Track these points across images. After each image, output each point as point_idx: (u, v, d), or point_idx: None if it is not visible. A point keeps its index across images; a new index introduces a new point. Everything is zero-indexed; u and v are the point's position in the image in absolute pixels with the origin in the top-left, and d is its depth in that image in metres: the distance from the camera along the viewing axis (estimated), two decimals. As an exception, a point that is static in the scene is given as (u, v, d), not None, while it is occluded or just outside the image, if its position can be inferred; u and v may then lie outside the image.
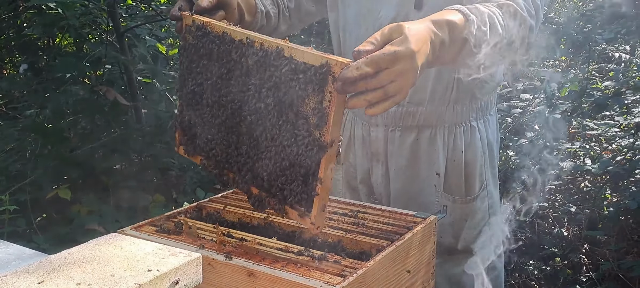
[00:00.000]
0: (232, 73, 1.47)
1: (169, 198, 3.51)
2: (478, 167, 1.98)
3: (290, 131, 1.33)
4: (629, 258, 3.61)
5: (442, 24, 1.40)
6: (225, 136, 1.52)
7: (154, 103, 4.03)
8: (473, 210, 2.00)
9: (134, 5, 4.73)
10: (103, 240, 1.29)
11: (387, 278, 1.38)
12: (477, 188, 1.99)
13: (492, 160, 2.04)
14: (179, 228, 1.53)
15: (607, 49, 5.32)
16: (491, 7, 1.52)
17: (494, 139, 2.05)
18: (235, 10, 1.76)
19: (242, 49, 1.44)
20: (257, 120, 1.41)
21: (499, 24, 1.49)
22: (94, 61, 3.69)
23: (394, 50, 1.25)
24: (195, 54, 1.58)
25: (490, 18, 1.48)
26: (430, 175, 1.97)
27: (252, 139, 1.43)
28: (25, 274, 1.11)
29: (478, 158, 1.98)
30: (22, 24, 5.06)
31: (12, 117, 4.18)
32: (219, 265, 1.33)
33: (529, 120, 4.79)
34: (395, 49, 1.25)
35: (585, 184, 4.46)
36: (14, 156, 3.47)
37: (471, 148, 1.97)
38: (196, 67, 1.58)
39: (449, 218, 1.98)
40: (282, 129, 1.35)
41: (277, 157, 1.36)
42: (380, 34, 1.30)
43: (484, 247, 2.06)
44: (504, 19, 1.52)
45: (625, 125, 4.49)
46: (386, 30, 1.30)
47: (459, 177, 1.98)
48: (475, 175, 1.98)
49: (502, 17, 1.52)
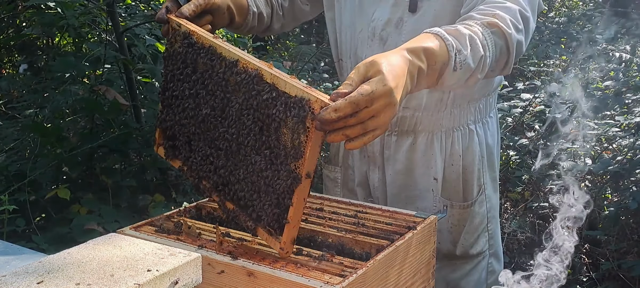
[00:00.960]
0: (215, 87, 1.45)
1: (169, 198, 3.51)
2: (476, 171, 1.96)
3: (267, 156, 1.34)
4: (629, 258, 3.61)
5: (418, 52, 1.39)
6: (204, 147, 1.51)
7: (154, 103, 4.02)
8: (471, 215, 1.98)
9: (133, 5, 4.72)
10: (102, 240, 1.29)
11: (387, 279, 1.38)
12: (475, 193, 1.97)
13: (491, 164, 2.02)
14: (178, 228, 1.53)
15: (608, 48, 5.32)
16: (474, 26, 1.52)
17: (493, 142, 2.03)
18: (225, 14, 1.74)
19: (226, 65, 1.43)
20: (237, 138, 1.40)
21: (481, 44, 1.49)
22: (93, 61, 3.68)
23: (371, 89, 1.24)
24: (181, 61, 1.55)
25: (471, 39, 1.48)
26: (427, 180, 1.95)
27: (230, 154, 1.43)
28: (24, 274, 1.11)
29: (476, 162, 1.96)
30: (21, 24, 5.06)
31: (11, 117, 4.18)
32: (219, 265, 1.33)
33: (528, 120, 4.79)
34: (372, 89, 1.24)
35: (586, 184, 4.45)
36: (13, 156, 3.47)
37: (469, 153, 1.95)
38: (180, 74, 1.55)
39: (446, 223, 1.97)
40: (259, 151, 1.35)
41: (253, 178, 1.36)
42: (355, 73, 1.29)
43: (481, 252, 2.04)
44: (486, 38, 1.52)
45: (626, 125, 4.48)
46: (361, 68, 1.30)
47: (456, 182, 1.96)
48: (473, 179, 1.96)
49: (485, 36, 1.52)
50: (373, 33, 1.88)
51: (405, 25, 1.83)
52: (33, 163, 3.24)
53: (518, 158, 4.43)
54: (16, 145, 3.54)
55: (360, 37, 1.92)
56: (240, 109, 1.39)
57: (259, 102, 1.34)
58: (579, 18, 6.52)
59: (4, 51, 5.30)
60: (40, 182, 3.28)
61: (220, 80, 1.45)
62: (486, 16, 1.55)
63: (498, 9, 1.57)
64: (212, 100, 1.47)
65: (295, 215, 1.31)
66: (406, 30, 1.82)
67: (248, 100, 1.37)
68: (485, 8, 1.59)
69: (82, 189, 3.37)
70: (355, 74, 1.29)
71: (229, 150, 1.43)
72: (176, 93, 1.57)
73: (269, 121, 1.32)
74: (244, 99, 1.38)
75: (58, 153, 3.25)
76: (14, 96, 4.54)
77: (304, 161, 1.26)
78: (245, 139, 1.38)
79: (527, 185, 4.42)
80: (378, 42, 1.87)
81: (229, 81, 1.42)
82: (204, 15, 1.69)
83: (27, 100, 4.22)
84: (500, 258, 2.12)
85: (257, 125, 1.35)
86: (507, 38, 1.56)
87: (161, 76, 3.83)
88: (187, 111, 1.54)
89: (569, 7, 7.68)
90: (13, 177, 3.17)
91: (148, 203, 3.32)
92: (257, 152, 1.36)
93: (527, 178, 4.34)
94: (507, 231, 3.94)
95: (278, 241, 1.34)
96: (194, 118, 1.52)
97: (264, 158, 1.34)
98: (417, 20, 1.80)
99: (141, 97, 3.94)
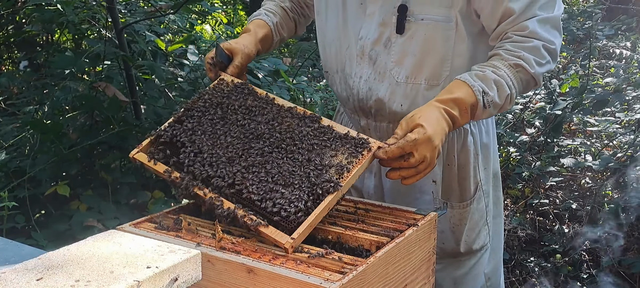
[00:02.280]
0: (253, 119, 1.70)
1: (168, 194, 3.50)
2: (471, 169, 1.98)
3: (306, 165, 1.56)
4: (630, 255, 3.61)
5: (448, 102, 1.67)
6: (218, 157, 1.61)
7: (153, 99, 4.01)
8: (470, 213, 2.01)
9: (133, 1, 4.72)
10: (102, 236, 1.29)
11: (387, 276, 1.38)
12: (472, 190, 2.00)
13: (486, 160, 2.03)
14: (178, 225, 1.53)
15: (608, 45, 5.32)
16: (500, 69, 1.71)
17: (489, 139, 2.04)
18: (253, 55, 1.99)
19: (281, 109, 1.73)
20: (270, 151, 1.60)
21: (507, 85, 1.71)
22: (93, 57, 3.67)
23: (414, 138, 1.58)
24: (222, 100, 1.76)
25: (497, 82, 1.70)
26: (426, 183, 1.96)
27: (252, 163, 1.57)
28: (24, 271, 1.11)
29: (471, 160, 1.98)
30: (21, 21, 5.05)
31: (11, 114, 4.17)
32: (218, 262, 1.32)
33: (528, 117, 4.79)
34: (415, 137, 1.58)
35: (586, 181, 4.45)
36: (12, 152, 3.46)
37: (464, 152, 1.97)
38: (210, 112, 1.73)
39: (448, 224, 2.01)
40: (297, 161, 1.57)
41: (284, 179, 1.52)
42: (400, 128, 1.63)
43: (483, 246, 2.07)
44: (512, 79, 1.72)
45: (626, 122, 4.48)
46: (404, 124, 1.64)
47: (453, 181, 1.98)
48: (469, 177, 1.98)
49: (510, 76, 1.71)
50: (362, 51, 1.89)
51: (393, 45, 1.84)
52: (33, 160, 3.23)
53: (518, 155, 4.43)
54: (16, 142, 3.53)
55: (348, 54, 1.93)
56: (288, 133, 1.65)
57: (313, 130, 1.66)
58: (580, 14, 6.51)
59: (3, 48, 5.30)
60: (40, 179, 3.27)
61: (264, 114, 1.72)
62: (512, 57, 1.72)
63: (523, 50, 1.71)
64: (257, 124, 1.69)
65: (317, 219, 1.44)
66: (395, 51, 1.84)
67: (299, 127, 1.66)
68: (512, 48, 1.73)
69: (82, 186, 3.37)
70: (399, 129, 1.63)
71: (253, 160, 1.58)
72: (204, 118, 1.72)
73: (320, 144, 1.61)
74: (289, 127, 1.67)
75: (58, 150, 3.25)
76: (13, 93, 4.53)
77: (347, 176, 1.52)
78: (281, 152, 1.60)
79: (527, 182, 4.42)
80: (368, 61, 1.89)
81: (285, 122, 1.70)
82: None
83: (27, 97, 4.21)
84: (497, 249, 2.17)
85: (303, 144, 1.61)
86: (532, 75, 1.74)
87: (162, 72, 3.83)
88: (211, 132, 1.68)
89: (570, 4, 7.67)
90: (13, 173, 3.16)
91: (148, 200, 3.31)
92: (295, 161, 1.57)
93: (528, 175, 4.33)
94: (507, 228, 3.94)
95: (288, 236, 1.37)
96: (212, 136, 1.66)
97: (309, 168, 1.55)
98: (406, 42, 1.82)
99: (141, 93, 3.93)
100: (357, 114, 2.00)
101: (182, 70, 4.20)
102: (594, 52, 4.92)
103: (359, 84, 1.91)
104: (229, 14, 8.40)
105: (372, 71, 1.87)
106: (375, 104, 1.90)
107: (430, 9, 1.77)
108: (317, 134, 1.65)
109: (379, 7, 1.83)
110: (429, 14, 1.77)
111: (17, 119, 3.85)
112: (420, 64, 1.82)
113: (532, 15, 1.71)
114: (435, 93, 1.79)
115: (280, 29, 2.13)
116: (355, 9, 1.89)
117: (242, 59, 1.94)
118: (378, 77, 1.87)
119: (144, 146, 1.71)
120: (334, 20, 1.96)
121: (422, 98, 1.84)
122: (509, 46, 1.73)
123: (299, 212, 1.43)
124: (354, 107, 1.98)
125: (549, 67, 1.78)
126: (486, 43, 1.83)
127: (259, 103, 1.76)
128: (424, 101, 1.81)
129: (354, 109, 1.99)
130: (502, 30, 1.76)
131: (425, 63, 1.81)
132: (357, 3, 1.89)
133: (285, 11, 2.17)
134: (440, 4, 1.76)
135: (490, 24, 1.77)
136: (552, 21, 1.74)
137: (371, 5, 1.85)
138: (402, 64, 1.83)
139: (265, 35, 2.06)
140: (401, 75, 1.84)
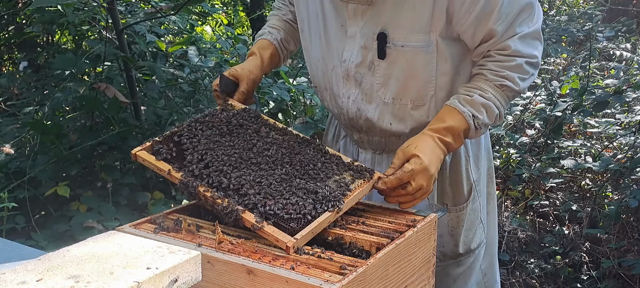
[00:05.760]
0: (268, 138, 1.76)
1: (168, 195, 3.50)
2: (464, 171, 2.01)
3: (318, 179, 1.63)
4: (630, 257, 3.61)
5: (440, 130, 1.73)
6: (224, 162, 1.63)
7: (153, 100, 4.02)
8: (467, 213, 2.04)
9: (134, 2, 4.72)
10: (102, 237, 1.29)
11: (387, 277, 1.37)
12: (466, 191, 2.02)
13: (477, 160, 2.05)
14: (178, 226, 1.52)
15: (608, 46, 5.32)
16: (487, 92, 1.76)
17: (480, 139, 2.05)
18: (260, 77, 2.05)
19: (294, 137, 1.80)
20: (279, 163, 1.66)
21: (494, 105, 1.77)
22: (93, 58, 3.67)
23: (411, 168, 1.65)
24: (232, 121, 1.80)
25: (485, 105, 1.75)
26: None
27: (264, 172, 1.62)
28: (23, 271, 1.11)
29: (462, 163, 2.00)
30: (22, 22, 5.05)
31: (11, 114, 4.17)
32: (218, 263, 1.32)
33: (528, 118, 4.79)
34: (412, 168, 1.65)
35: (586, 182, 4.45)
36: (13, 153, 3.46)
37: (455, 155, 1.99)
38: (222, 131, 1.77)
39: (447, 227, 2.04)
40: (310, 175, 1.64)
41: (289, 187, 1.57)
42: (397, 159, 1.70)
43: (480, 243, 2.09)
44: (498, 99, 1.77)
45: (627, 123, 4.48)
46: (400, 154, 1.70)
47: (446, 186, 2.01)
48: (462, 179, 2.01)
49: (497, 97, 1.77)
50: (347, 73, 1.90)
51: (377, 69, 1.84)
52: (33, 161, 3.23)
53: (518, 157, 4.43)
54: (16, 143, 3.53)
55: (334, 74, 1.94)
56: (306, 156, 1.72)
57: (319, 153, 1.76)
58: (580, 16, 6.52)
59: (4, 48, 5.30)
60: (40, 180, 3.27)
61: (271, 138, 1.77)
62: (497, 78, 1.76)
63: (506, 70, 1.75)
64: (249, 142, 1.73)
65: (318, 227, 1.47)
66: (379, 74, 1.85)
67: (305, 150, 1.75)
68: (495, 68, 1.76)
69: (82, 187, 3.36)
70: (396, 159, 1.70)
71: (258, 167, 1.63)
72: (210, 131, 1.76)
73: (325, 163, 1.70)
74: (295, 149, 1.74)
75: (58, 151, 3.25)
76: (13, 93, 4.53)
77: (350, 195, 1.59)
78: (286, 167, 1.65)
79: (527, 184, 4.42)
80: (353, 82, 1.90)
81: (281, 139, 1.78)
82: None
83: (27, 98, 4.21)
84: (491, 244, 2.20)
85: (309, 164, 1.68)
86: (517, 91, 1.80)
87: (163, 73, 3.84)
88: (216, 140, 1.72)
89: (570, 5, 7.68)
90: (13, 174, 3.16)
91: (148, 201, 3.31)
92: (301, 173, 1.65)
93: (528, 177, 4.33)
94: (507, 229, 3.94)
95: (289, 235, 1.38)
96: (218, 143, 1.71)
97: (313, 180, 1.62)
98: (389, 66, 1.83)
99: (141, 94, 3.93)
100: (349, 129, 2.03)
101: (183, 72, 4.20)
102: (594, 53, 4.92)
103: (347, 104, 1.93)
104: (229, 14, 8.40)
105: (360, 92, 1.90)
106: (365, 122, 1.93)
107: (410, 36, 1.77)
108: (324, 159, 1.73)
109: (359, 28, 1.83)
110: (409, 41, 1.77)
111: (18, 120, 3.85)
112: (404, 87, 1.84)
113: (512, 33, 1.73)
114: (422, 112, 1.86)
115: (286, 44, 2.16)
116: (337, 30, 1.89)
117: (248, 85, 1.98)
118: (365, 97, 1.89)
119: (147, 146, 1.73)
120: (317, 40, 1.97)
121: (410, 117, 1.88)
122: (492, 66, 1.76)
123: (303, 217, 1.45)
124: (345, 123, 2.01)
125: (533, 79, 1.84)
126: (468, 57, 1.85)
127: (266, 127, 1.81)
128: (412, 120, 1.88)
129: (346, 125, 2.03)
130: (484, 49, 1.78)
131: (409, 86, 1.84)
132: (338, 24, 1.88)
133: (289, 24, 2.19)
134: (420, 30, 1.76)
135: (472, 44, 1.79)
136: (532, 35, 1.76)
137: (351, 27, 1.85)
138: (387, 86, 1.85)
139: (272, 55, 2.09)
140: (387, 96, 1.87)
